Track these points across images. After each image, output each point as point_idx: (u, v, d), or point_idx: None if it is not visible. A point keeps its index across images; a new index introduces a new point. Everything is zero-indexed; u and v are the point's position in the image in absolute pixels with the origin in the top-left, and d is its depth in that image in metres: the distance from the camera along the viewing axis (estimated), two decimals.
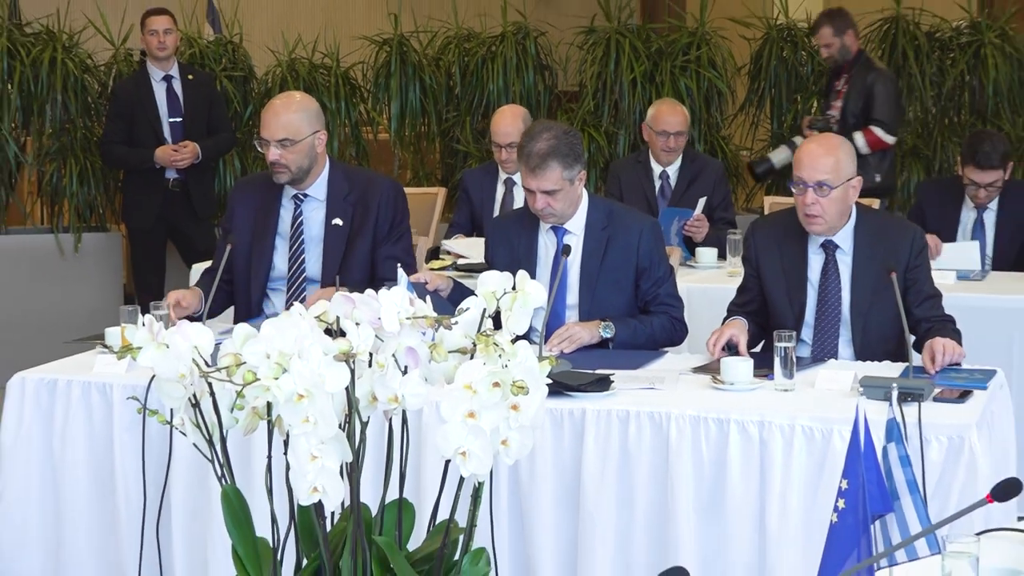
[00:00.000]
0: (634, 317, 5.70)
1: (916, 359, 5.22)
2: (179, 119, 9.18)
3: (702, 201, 7.97)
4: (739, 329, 5.44)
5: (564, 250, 5.71)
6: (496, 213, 7.93)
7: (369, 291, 3.47)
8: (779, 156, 9.52)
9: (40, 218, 10.11)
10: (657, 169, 8.29)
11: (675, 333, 5.77)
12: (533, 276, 3.54)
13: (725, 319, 5.67)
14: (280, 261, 6.05)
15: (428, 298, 3.68)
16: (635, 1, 12.13)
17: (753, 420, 4.75)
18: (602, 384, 5.04)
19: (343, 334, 3.35)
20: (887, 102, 9.20)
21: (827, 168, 5.44)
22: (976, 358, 5.60)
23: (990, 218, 7.62)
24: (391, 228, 6.04)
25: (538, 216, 5.78)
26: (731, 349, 5.32)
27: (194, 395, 3.51)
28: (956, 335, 5.40)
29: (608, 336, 5.61)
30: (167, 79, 9.14)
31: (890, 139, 9.19)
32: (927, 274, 5.55)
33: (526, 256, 5.75)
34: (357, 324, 3.38)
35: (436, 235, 8.55)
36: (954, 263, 6.56)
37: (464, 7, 11.18)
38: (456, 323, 3.47)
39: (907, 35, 10.45)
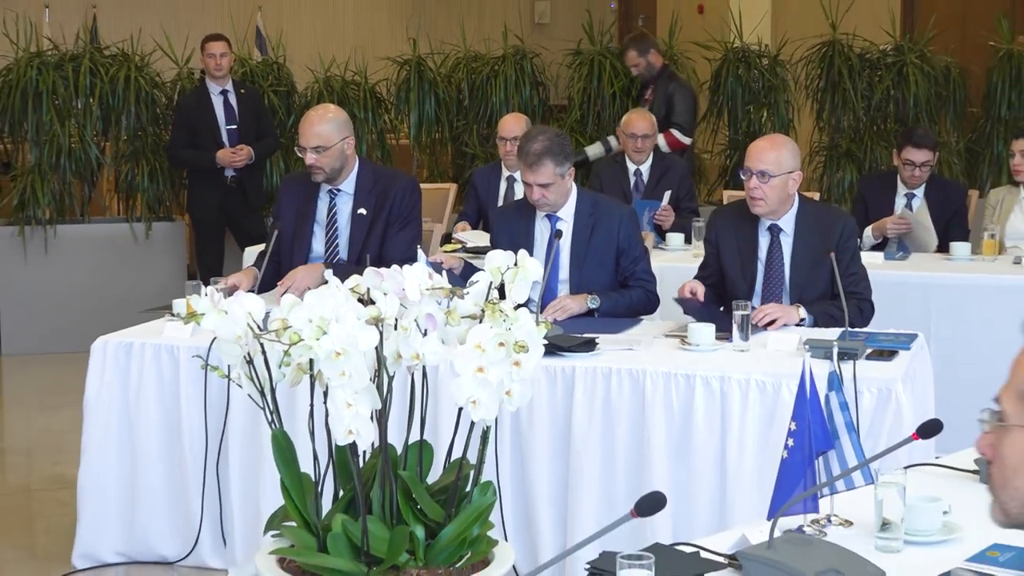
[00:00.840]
0: (615, 291, 5.72)
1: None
2: (234, 127, 9.20)
3: (667, 194, 7.99)
4: (699, 283, 5.52)
5: (556, 234, 5.72)
6: (500, 204, 7.94)
7: (395, 267, 3.50)
8: (593, 150, 9.51)
9: (117, 210, 10.13)
10: (631, 167, 8.29)
11: (649, 304, 5.78)
12: (531, 256, 3.57)
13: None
14: (317, 244, 6.08)
15: (444, 274, 3.71)
16: (614, 27, 12.13)
17: (715, 375, 4.79)
18: (589, 346, 5.07)
19: (373, 303, 3.38)
20: (684, 110, 9.35)
21: (770, 160, 5.50)
22: (901, 324, 5.63)
23: (916, 203, 7.64)
24: (402, 216, 6.06)
25: (535, 206, 5.81)
26: (697, 314, 5.35)
27: (248, 354, 3.53)
28: (859, 303, 5.49)
29: (594, 307, 5.63)
30: (223, 93, 9.18)
31: (686, 140, 9.37)
32: (853, 255, 5.59)
33: (525, 239, 5.76)
34: (385, 294, 3.40)
35: (448, 223, 8.58)
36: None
37: (471, 33, 11.20)
38: (467, 294, 3.48)
39: (842, 56, 10.44)
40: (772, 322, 5.30)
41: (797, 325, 5.35)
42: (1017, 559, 2.92)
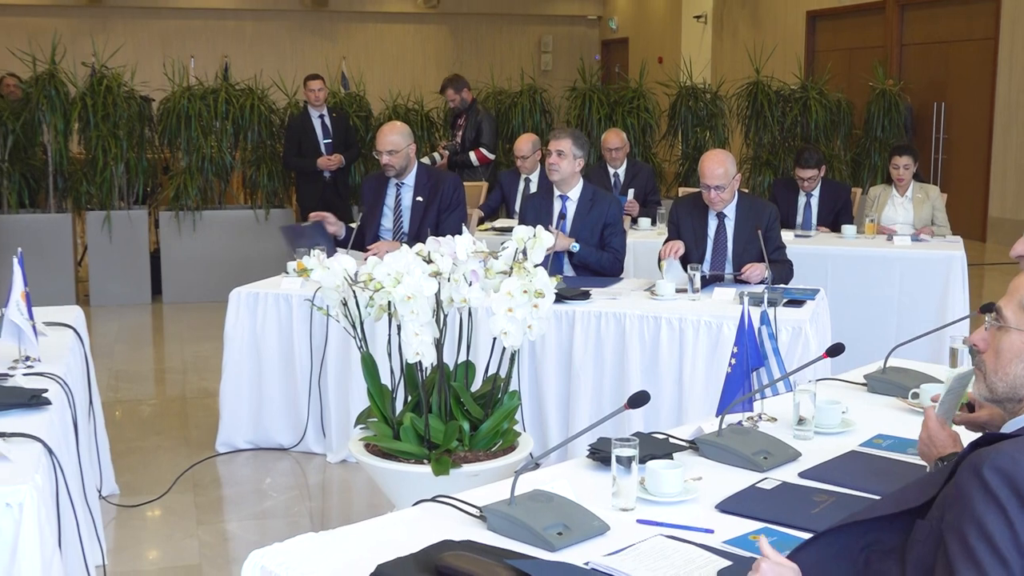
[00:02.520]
0: (595, 248, 5.67)
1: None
2: (329, 141, 9.19)
3: (631, 191, 7.97)
4: (681, 244, 5.45)
5: (561, 214, 5.71)
6: (519, 199, 7.94)
7: (448, 237, 3.52)
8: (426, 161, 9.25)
9: (244, 200, 10.12)
10: (611, 171, 8.28)
11: (614, 266, 5.66)
12: (547, 228, 3.57)
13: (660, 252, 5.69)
14: (387, 222, 6.06)
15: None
16: (598, 73, 12.09)
17: (675, 317, 4.80)
18: (585, 296, 5.08)
19: (433, 262, 3.40)
20: (489, 132, 9.19)
21: (720, 176, 5.43)
22: (807, 282, 5.65)
23: (814, 199, 7.64)
24: (451, 204, 6.05)
25: (548, 174, 5.75)
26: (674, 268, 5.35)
27: (344, 299, 3.56)
28: (783, 266, 5.48)
29: (574, 251, 5.60)
30: (320, 116, 9.14)
31: (491, 156, 9.25)
32: (777, 233, 5.56)
33: (545, 214, 5.70)
34: (442, 256, 3.42)
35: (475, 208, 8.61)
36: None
37: (497, 75, 11.17)
38: (500, 256, 3.51)
39: (763, 92, 10.37)
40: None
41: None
42: (895, 444, 2.93)
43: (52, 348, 3.97)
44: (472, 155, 9.07)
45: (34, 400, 3.29)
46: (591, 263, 5.64)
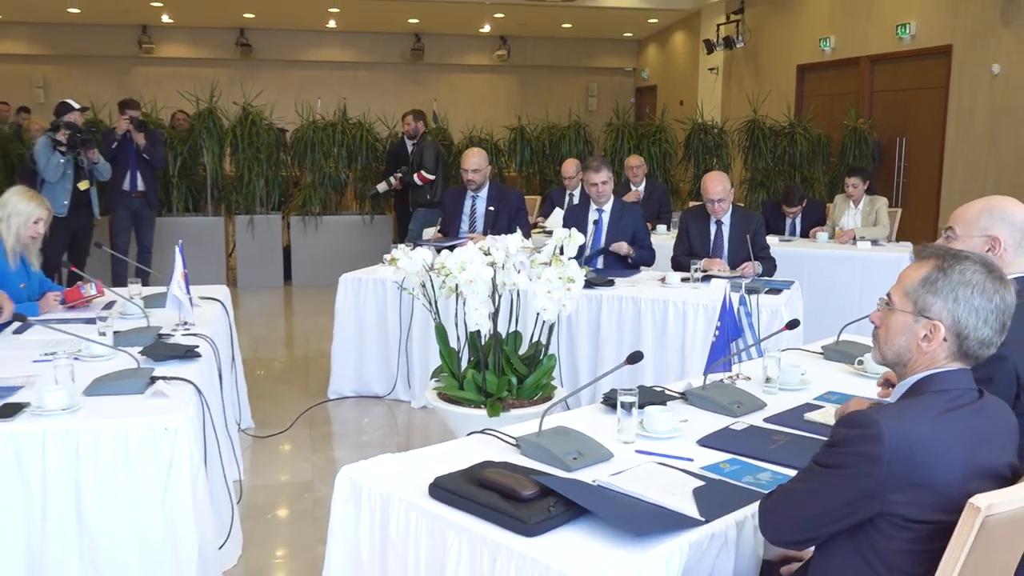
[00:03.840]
0: (642, 249, 5.67)
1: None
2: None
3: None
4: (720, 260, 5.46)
5: (595, 222, 5.69)
6: (564, 209, 7.94)
7: (503, 235, 3.56)
8: (381, 187, 8.99)
9: (354, 207, 10.20)
10: (633, 188, 8.26)
11: (652, 258, 5.67)
12: (583, 232, 3.59)
13: (673, 257, 5.68)
14: (464, 226, 6.10)
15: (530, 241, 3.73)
16: (631, 111, 12.02)
17: (680, 301, 4.80)
18: (610, 283, 5.08)
19: (490, 255, 3.43)
20: (430, 158, 8.57)
21: (719, 191, 5.42)
22: (788, 276, 5.60)
23: (799, 218, 7.61)
24: (515, 212, 6.08)
25: (596, 197, 5.71)
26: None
27: (423, 282, 3.61)
28: (767, 262, 5.43)
29: (633, 255, 5.60)
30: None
31: (431, 176, 8.54)
32: (762, 237, 5.52)
33: (583, 222, 5.68)
34: (497, 250, 3.45)
35: (534, 217, 8.58)
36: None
37: (551, 113, 11.14)
38: (541, 251, 3.54)
39: (760, 129, 10.26)
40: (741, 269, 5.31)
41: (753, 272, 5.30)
42: (841, 399, 2.91)
43: (204, 316, 4.07)
44: (415, 176, 8.65)
45: (188, 353, 3.37)
46: (645, 260, 5.67)
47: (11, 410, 2.73)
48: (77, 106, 7.43)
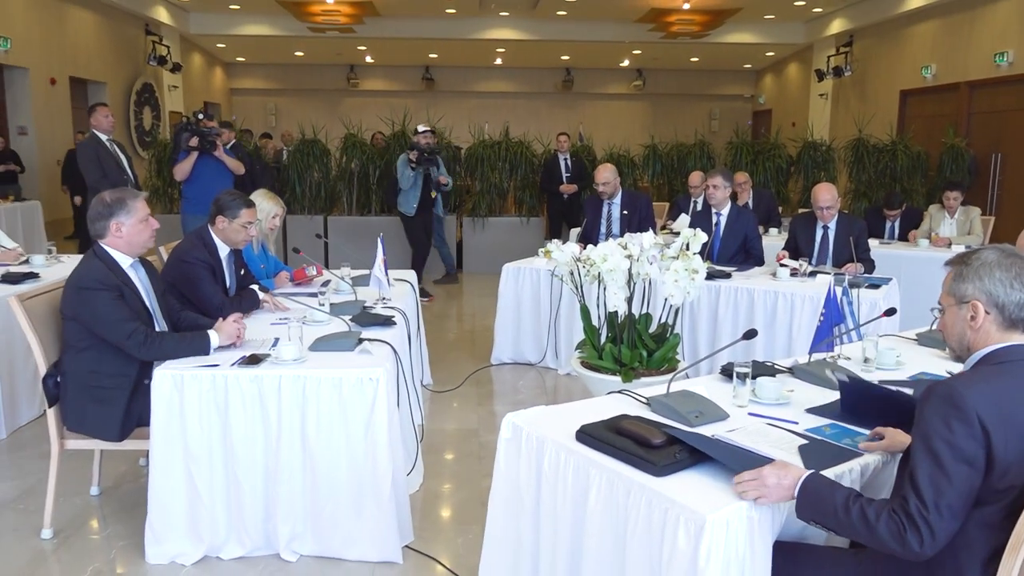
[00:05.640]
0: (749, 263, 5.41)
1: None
2: (569, 174, 9.20)
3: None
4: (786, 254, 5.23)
5: (715, 223, 5.52)
6: (689, 215, 7.74)
7: (638, 233, 3.54)
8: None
9: (514, 211, 10.15)
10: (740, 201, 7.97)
11: (760, 262, 5.42)
12: (707, 233, 3.53)
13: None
14: (602, 228, 6.09)
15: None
16: (748, 131, 11.66)
17: (788, 292, 4.65)
18: (728, 276, 4.96)
19: (627, 248, 3.42)
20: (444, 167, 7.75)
21: (827, 199, 5.26)
22: (887, 274, 5.33)
23: (897, 222, 7.20)
24: (645, 216, 6.01)
25: (708, 198, 5.48)
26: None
27: (571, 270, 3.63)
28: (868, 263, 5.14)
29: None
30: (564, 159, 9.06)
31: (447, 180, 7.78)
32: (865, 240, 5.24)
33: (706, 222, 5.49)
34: (634, 245, 3.45)
35: (664, 220, 8.43)
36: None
37: (680, 134, 10.91)
38: (671, 247, 3.52)
39: (865, 146, 9.75)
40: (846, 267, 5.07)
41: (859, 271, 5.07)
42: (927, 379, 2.79)
43: (398, 294, 4.21)
44: (441, 179, 7.96)
45: (387, 322, 3.51)
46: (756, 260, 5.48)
47: (256, 360, 2.96)
48: (422, 128, 7.67)
